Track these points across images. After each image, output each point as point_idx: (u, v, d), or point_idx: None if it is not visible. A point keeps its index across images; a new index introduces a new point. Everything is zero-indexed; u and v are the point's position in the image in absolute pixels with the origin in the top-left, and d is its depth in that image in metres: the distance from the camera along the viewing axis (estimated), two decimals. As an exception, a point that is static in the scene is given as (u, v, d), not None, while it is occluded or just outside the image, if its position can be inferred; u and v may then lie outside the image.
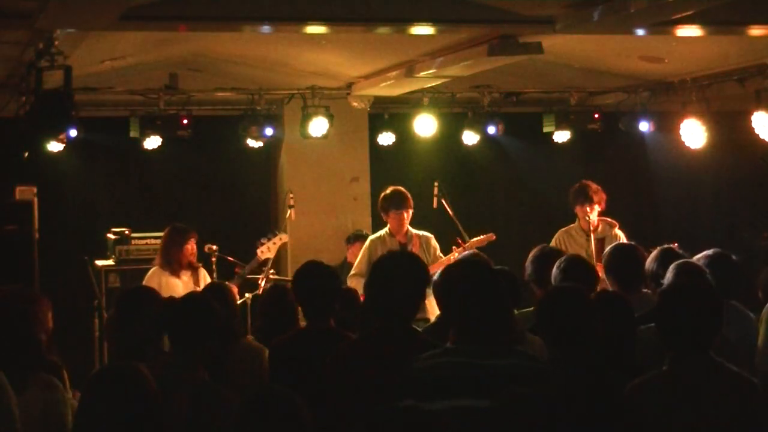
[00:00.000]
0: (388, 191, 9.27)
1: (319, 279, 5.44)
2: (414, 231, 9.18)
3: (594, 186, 9.18)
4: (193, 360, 4.64)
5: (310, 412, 3.62)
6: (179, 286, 8.48)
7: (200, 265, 8.91)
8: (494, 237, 9.38)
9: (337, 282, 5.50)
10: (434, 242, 9.19)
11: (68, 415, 4.82)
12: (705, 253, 6.21)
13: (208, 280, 8.77)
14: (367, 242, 9.31)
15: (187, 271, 8.73)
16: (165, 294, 6.19)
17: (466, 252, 7.59)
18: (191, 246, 8.75)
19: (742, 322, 5.71)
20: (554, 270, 5.92)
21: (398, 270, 4.63)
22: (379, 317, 4.63)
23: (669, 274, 5.65)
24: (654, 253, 6.20)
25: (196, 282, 8.61)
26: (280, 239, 9.38)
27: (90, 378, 3.93)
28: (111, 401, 3.72)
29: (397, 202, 9.11)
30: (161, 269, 8.71)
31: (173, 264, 8.68)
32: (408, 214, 9.11)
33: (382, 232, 9.24)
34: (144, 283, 8.58)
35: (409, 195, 9.18)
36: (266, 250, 9.24)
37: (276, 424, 3.43)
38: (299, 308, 5.75)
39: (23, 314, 5.05)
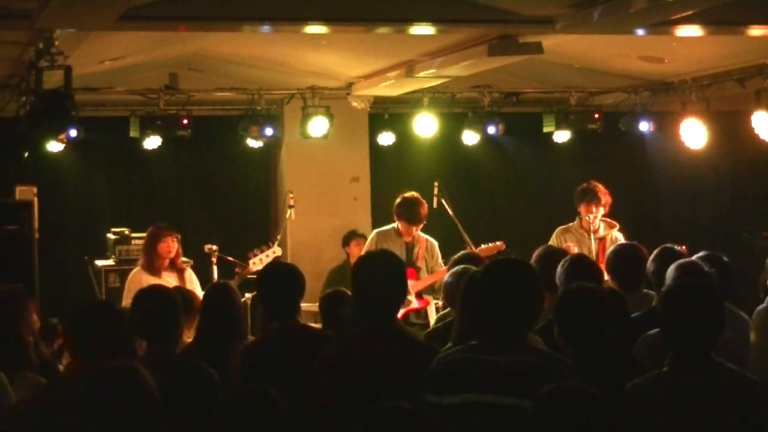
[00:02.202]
0: (407, 200, 9.10)
1: (282, 278, 5.44)
2: (421, 234, 9.17)
3: (602, 188, 9.14)
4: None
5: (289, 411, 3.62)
6: None
7: (186, 266, 8.84)
8: (504, 247, 9.34)
9: (301, 280, 5.49)
10: (437, 250, 9.16)
11: None
12: (698, 255, 6.21)
13: (195, 281, 8.74)
14: (373, 235, 9.28)
15: (171, 272, 8.67)
16: None
17: (461, 252, 7.58)
18: (166, 245, 8.66)
19: (735, 324, 5.69)
20: (558, 269, 5.91)
21: (379, 269, 4.65)
22: (365, 317, 4.64)
23: (671, 274, 5.64)
24: (654, 253, 6.20)
25: (182, 283, 8.53)
26: (273, 252, 9.37)
27: (89, 378, 3.92)
28: (111, 401, 3.71)
29: (410, 218, 9.01)
30: (142, 269, 8.68)
31: (152, 264, 8.63)
32: (419, 227, 9.09)
33: (389, 228, 9.22)
34: (127, 283, 8.59)
35: (424, 209, 9.06)
36: (258, 263, 9.22)
37: (254, 423, 3.43)
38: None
39: (8, 314, 5.05)
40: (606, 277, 6.57)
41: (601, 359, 4.46)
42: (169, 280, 8.44)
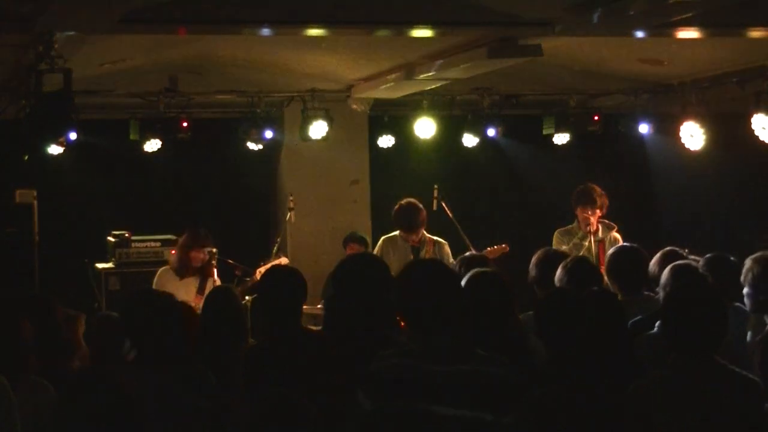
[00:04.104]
0: (402, 208, 9.13)
1: (284, 282, 5.43)
2: (428, 236, 9.16)
3: (598, 190, 9.15)
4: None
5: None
6: (180, 290, 8.42)
7: (212, 275, 8.84)
8: (508, 249, 9.34)
9: (303, 284, 5.48)
10: (447, 249, 9.15)
11: None
12: (706, 256, 6.21)
13: None
14: (381, 241, 9.30)
15: (195, 277, 8.70)
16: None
17: (467, 254, 7.58)
18: (199, 255, 8.71)
19: (744, 323, 5.70)
20: (559, 270, 5.91)
21: (359, 273, 4.64)
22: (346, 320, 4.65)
23: (666, 277, 5.63)
24: (657, 256, 6.18)
25: (201, 291, 8.55)
26: (281, 263, 9.39)
27: (67, 382, 3.93)
28: (88, 407, 3.71)
29: (406, 225, 9.05)
30: (170, 269, 8.75)
31: (183, 267, 8.69)
32: (419, 233, 9.07)
33: (395, 234, 9.23)
34: (155, 283, 8.61)
35: (420, 215, 9.07)
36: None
37: (285, 429, 3.44)
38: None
39: (8, 317, 5.05)
40: (606, 279, 6.57)
41: (586, 361, 4.44)
42: (190, 284, 8.50)
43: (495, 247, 9.37)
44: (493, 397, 3.97)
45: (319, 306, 8.84)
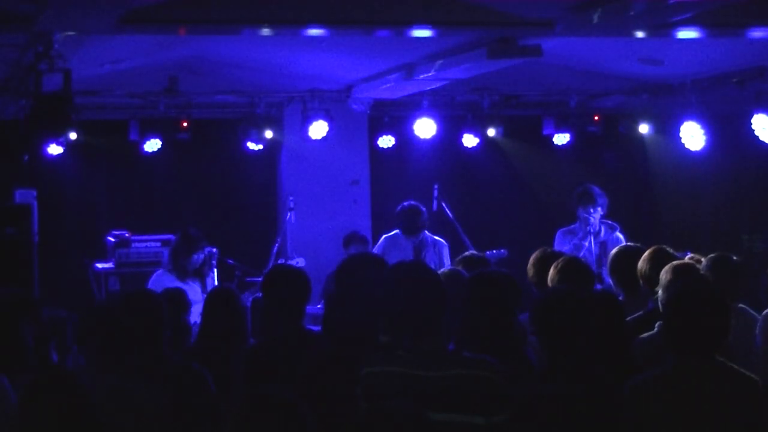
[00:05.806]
0: (403, 210, 9.25)
1: (288, 282, 5.42)
2: (429, 235, 9.20)
3: (598, 189, 9.17)
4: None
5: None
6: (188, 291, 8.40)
7: (212, 274, 8.83)
8: (506, 255, 9.40)
9: (306, 284, 5.46)
10: (446, 251, 9.19)
11: None
12: (709, 256, 6.20)
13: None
14: (382, 240, 9.38)
15: (195, 278, 8.69)
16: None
17: (466, 253, 7.59)
18: (196, 257, 8.70)
19: (746, 324, 5.70)
20: (551, 271, 5.90)
21: (361, 273, 4.64)
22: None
23: (666, 276, 5.63)
24: (646, 254, 6.18)
25: (205, 291, 8.54)
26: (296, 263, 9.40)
27: (26, 386, 3.93)
28: (43, 410, 3.71)
29: (407, 228, 9.17)
30: (167, 272, 8.67)
31: (181, 270, 8.63)
32: (418, 235, 9.14)
33: (396, 232, 9.28)
34: (149, 285, 8.57)
35: (421, 218, 9.18)
36: None
37: (275, 427, 3.43)
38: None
39: (9, 317, 5.05)
40: (609, 278, 6.58)
41: (581, 361, 4.43)
42: (194, 286, 8.48)
43: (494, 251, 9.41)
44: (483, 400, 3.97)
45: (319, 306, 8.84)
